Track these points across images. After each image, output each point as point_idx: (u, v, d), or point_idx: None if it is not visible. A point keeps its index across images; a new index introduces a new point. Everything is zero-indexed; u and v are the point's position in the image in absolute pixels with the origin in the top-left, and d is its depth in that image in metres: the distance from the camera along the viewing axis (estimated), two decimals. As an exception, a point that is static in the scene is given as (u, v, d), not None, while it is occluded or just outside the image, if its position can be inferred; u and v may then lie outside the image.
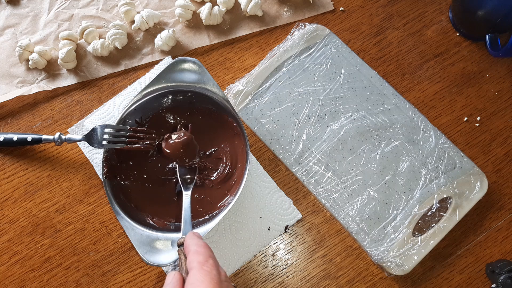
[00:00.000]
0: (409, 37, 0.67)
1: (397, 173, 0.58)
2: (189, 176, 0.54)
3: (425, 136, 0.59)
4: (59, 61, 0.63)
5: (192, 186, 0.53)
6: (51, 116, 0.63)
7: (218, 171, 0.57)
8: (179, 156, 0.53)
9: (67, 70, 0.64)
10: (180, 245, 0.41)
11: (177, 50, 0.65)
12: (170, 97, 0.57)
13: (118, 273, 0.56)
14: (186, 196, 0.51)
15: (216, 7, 0.65)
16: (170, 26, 0.67)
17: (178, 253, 0.40)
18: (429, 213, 0.56)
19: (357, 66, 0.63)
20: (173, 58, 0.64)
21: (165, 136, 0.54)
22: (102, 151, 0.55)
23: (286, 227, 0.57)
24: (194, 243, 0.38)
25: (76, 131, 0.61)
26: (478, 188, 0.56)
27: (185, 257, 0.38)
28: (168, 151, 0.53)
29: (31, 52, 0.64)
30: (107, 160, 0.54)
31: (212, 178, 0.56)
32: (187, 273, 0.36)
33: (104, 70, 0.65)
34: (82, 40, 0.66)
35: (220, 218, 0.51)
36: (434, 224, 0.55)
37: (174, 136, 0.53)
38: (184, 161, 0.54)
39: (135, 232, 0.51)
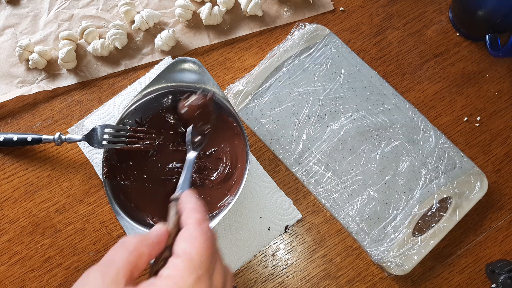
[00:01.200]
0: (409, 37, 0.67)
1: (397, 173, 0.58)
2: (199, 138, 0.50)
3: (425, 136, 0.59)
4: (59, 61, 0.63)
5: (199, 148, 0.49)
6: (51, 116, 0.63)
7: (218, 171, 0.57)
8: (193, 118, 0.50)
9: (67, 70, 0.64)
10: (173, 200, 0.37)
11: (177, 50, 0.65)
12: (170, 97, 0.57)
13: (118, 273, 0.56)
14: (191, 156, 0.48)
15: (216, 7, 0.65)
16: (170, 26, 0.67)
17: (168, 208, 0.36)
18: (429, 213, 0.56)
19: (357, 66, 0.63)
20: (173, 58, 0.64)
21: (184, 96, 0.51)
22: (102, 151, 0.55)
23: (286, 227, 0.57)
24: (193, 201, 0.35)
25: (76, 131, 0.61)
26: (478, 188, 0.56)
27: (176, 213, 0.35)
28: (183, 111, 0.50)
29: (31, 52, 0.64)
30: (107, 160, 0.54)
31: (212, 178, 0.56)
32: (176, 226, 0.34)
33: (104, 70, 0.65)
34: (82, 40, 0.66)
35: (220, 218, 0.51)
36: (434, 224, 0.55)
37: (192, 97, 0.50)
38: (198, 123, 0.51)
39: (135, 232, 0.51)
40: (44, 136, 0.57)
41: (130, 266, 0.28)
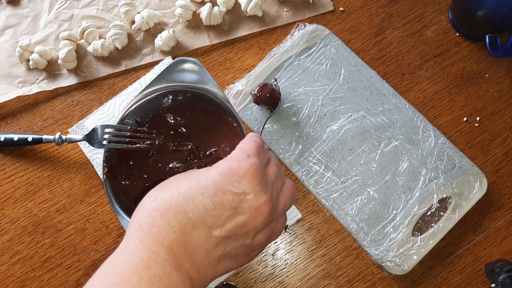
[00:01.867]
0: (409, 37, 0.67)
1: (397, 173, 0.58)
2: (271, 112, 0.61)
3: (425, 136, 0.59)
4: (59, 61, 0.63)
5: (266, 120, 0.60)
6: (51, 116, 0.63)
7: (218, 171, 0.57)
8: (263, 98, 0.60)
9: (67, 70, 0.65)
10: None
11: (177, 50, 0.65)
12: (170, 97, 0.57)
13: (118, 272, 0.56)
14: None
15: (216, 7, 0.65)
16: (170, 26, 0.67)
17: None
18: (429, 213, 0.56)
19: (357, 66, 0.63)
20: (173, 58, 0.64)
21: (253, 92, 0.61)
22: (103, 151, 0.55)
23: (286, 227, 0.57)
24: (252, 133, 0.43)
25: (77, 131, 0.61)
26: (478, 188, 0.57)
27: None
28: (256, 96, 0.60)
29: (32, 52, 0.64)
30: (107, 160, 0.54)
31: (212, 178, 0.57)
32: None
33: (105, 70, 0.65)
34: (83, 40, 0.66)
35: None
36: (433, 224, 0.55)
37: (256, 88, 0.60)
38: (269, 102, 0.60)
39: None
40: (44, 136, 0.57)
41: None
